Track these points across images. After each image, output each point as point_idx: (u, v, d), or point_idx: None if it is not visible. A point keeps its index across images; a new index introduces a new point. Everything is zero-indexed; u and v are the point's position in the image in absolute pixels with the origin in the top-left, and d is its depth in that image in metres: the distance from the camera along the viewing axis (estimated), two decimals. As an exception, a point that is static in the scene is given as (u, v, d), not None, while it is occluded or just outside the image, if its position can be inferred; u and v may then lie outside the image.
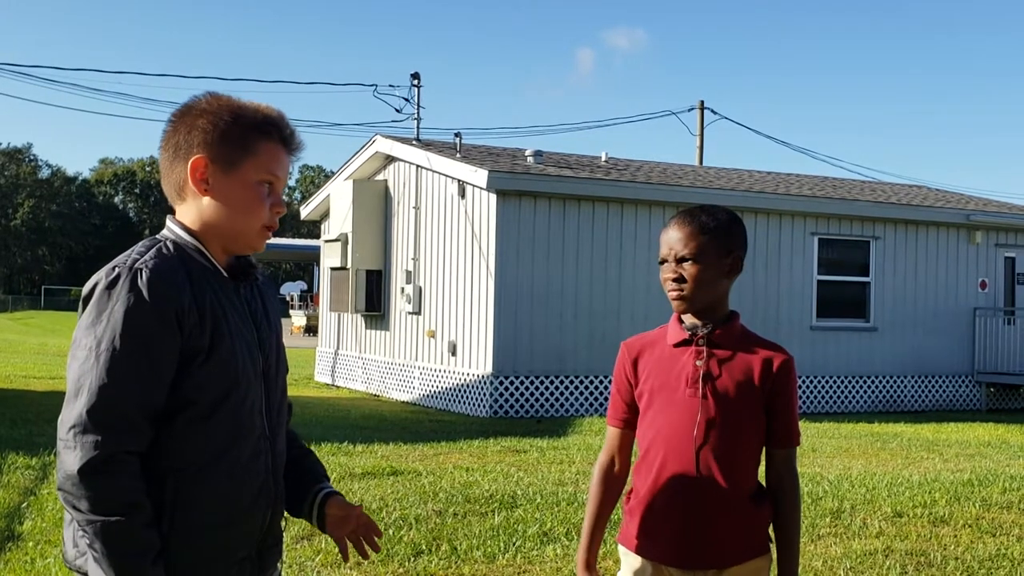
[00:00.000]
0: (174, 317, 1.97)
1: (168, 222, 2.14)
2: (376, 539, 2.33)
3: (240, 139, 2.09)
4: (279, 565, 2.25)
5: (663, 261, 2.57)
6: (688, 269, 2.52)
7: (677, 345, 2.57)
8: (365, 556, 2.34)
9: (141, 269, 1.97)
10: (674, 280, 2.54)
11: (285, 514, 2.26)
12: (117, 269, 1.98)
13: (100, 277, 1.99)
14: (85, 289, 2.01)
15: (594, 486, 2.70)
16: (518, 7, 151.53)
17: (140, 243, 2.09)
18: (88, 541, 1.91)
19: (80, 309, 2.02)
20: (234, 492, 2.06)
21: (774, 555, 2.61)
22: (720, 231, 2.55)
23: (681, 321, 2.59)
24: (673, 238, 2.56)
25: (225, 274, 2.12)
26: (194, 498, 2.01)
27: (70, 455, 1.90)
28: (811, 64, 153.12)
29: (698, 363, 2.53)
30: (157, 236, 2.12)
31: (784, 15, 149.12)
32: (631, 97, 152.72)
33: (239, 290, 2.15)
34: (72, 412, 1.92)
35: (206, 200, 2.09)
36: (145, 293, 1.95)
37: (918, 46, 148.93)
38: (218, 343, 2.03)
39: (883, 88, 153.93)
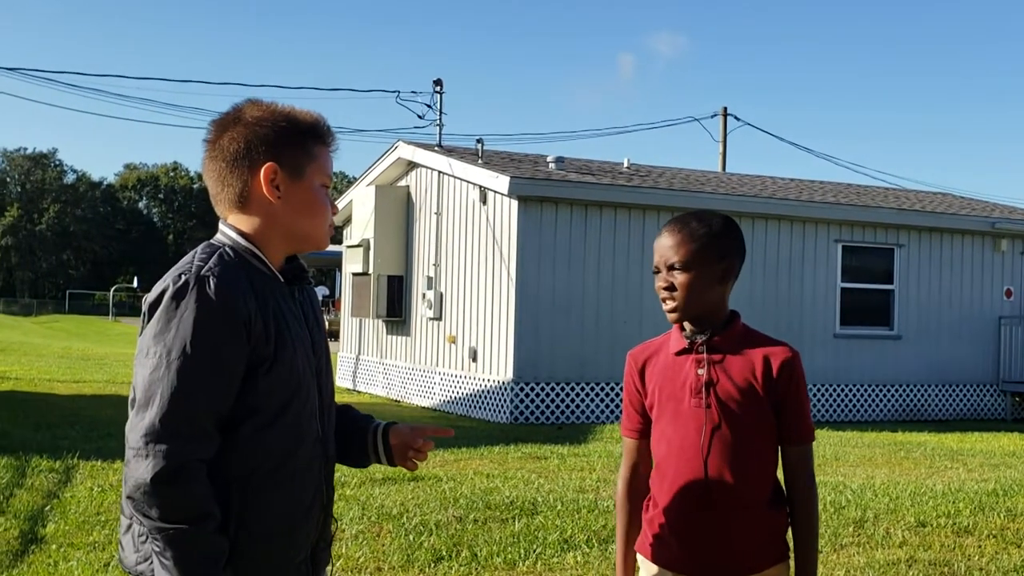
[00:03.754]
0: (242, 325, 1.98)
1: (222, 227, 2.15)
2: (443, 433, 2.40)
3: (302, 145, 2.13)
4: (329, 568, 2.27)
5: (656, 270, 2.55)
6: (678, 278, 2.48)
7: (679, 354, 2.55)
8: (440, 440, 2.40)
9: (208, 277, 1.98)
10: (665, 289, 2.51)
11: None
12: (184, 277, 1.98)
13: (167, 285, 1.99)
14: (151, 296, 2.02)
15: (620, 499, 2.67)
16: (542, 14, 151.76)
17: (199, 249, 2.09)
18: (158, 548, 1.92)
19: (145, 316, 2.02)
20: (295, 496, 2.08)
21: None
22: (711, 237, 2.51)
23: (682, 328, 2.56)
24: (664, 246, 2.52)
25: (281, 279, 2.14)
26: (259, 504, 2.02)
27: (142, 464, 1.90)
28: (835, 70, 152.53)
29: (700, 372, 2.50)
30: (213, 242, 2.13)
31: (808, 21, 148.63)
32: (657, 104, 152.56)
33: (294, 294, 2.17)
34: (144, 420, 1.92)
35: (278, 206, 2.11)
36: (215, 301, 1.96)
37: (943, 52, 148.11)
38: (281, 350, 2.04)
39: (907, 95, 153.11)
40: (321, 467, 2.16)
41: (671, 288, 2.49)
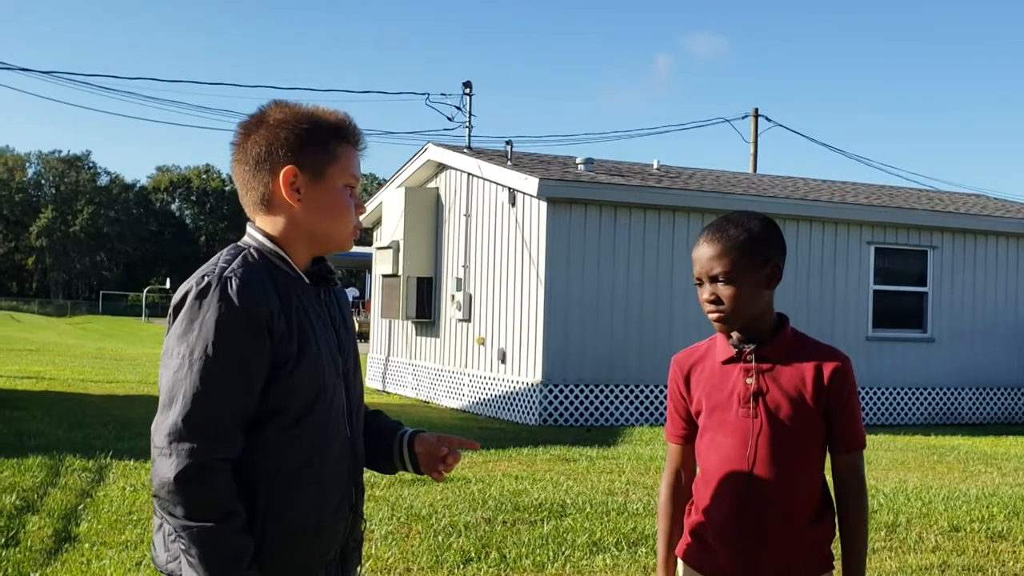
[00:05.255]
0: (264, 325, 2.00)
1: (249, 229, 2.17)
2: (470, 447, 2.38)
3: (323, 146, 2.12)
4: (359, 569, 2.29)
5: (699, 282, 2.47)
6: (723, 290, 2.41)
7: (726, 362, 2.48)
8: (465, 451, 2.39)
9: (231, 278, 2.00)
10: (711, 302, 2.43)
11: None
12: (207, 278, 2.00)
13: (190, 286, 2.01)
14: (176, 298, 2.04)
15: (662, 503, 2.64)
16: (578, 16, 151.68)
17: (224, 251, 2.11)
18: (184, 547, 1.94)
19: (170, 318, 2.05)
20: (321, 496, 2.09)
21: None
22: (752, 243, 2.43)
23: (728, 335, 2.50)
24: (704, 256, 2.45)
25: (307, 280, 2.15)
26: (286, 504, 2.04)
27: (166, 463, 1.93)
28: (868, 71, 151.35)
29: (748, 381, 2.44)
30: (239, 244, 2.14)
31: (840, 21, 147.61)
32: (690, 106, 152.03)
33: (319, 295, 2.18)
34: (167, 420, 1.95)
35: (298, 208, 2.12)
36: (236, 302, 1.97)
37: (977, 53, 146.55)
38: (305, 349, 2.05)
39: (941, 95, 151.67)
40: (349, 467, 2.17)
41: (718, 301, 2.42)
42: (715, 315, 2.44)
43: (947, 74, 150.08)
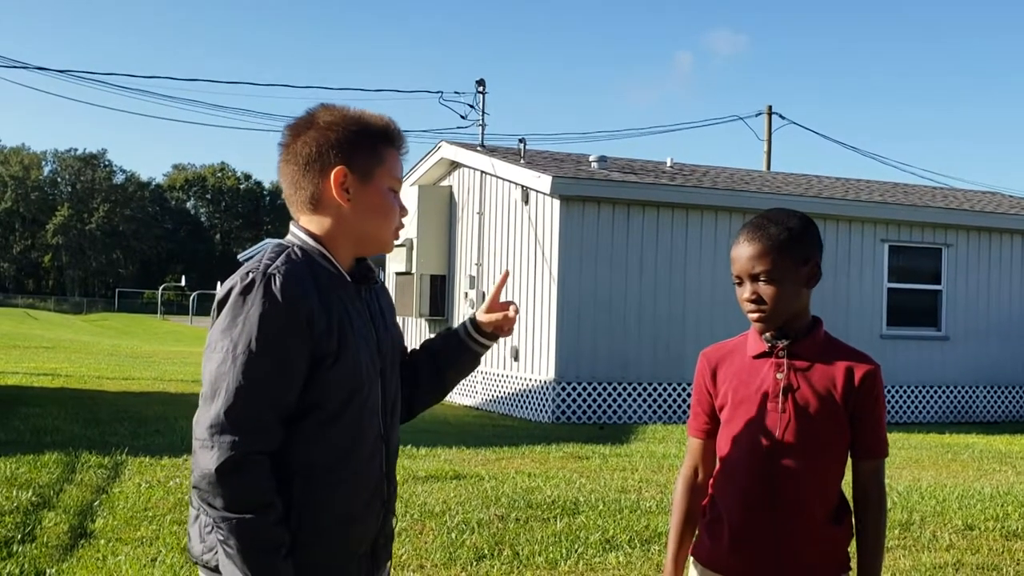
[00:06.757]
0: (305, 321, 2.04)
1: (293, 228, 2.22)
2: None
3: (372, 149, 2.18)
4: (388, 563, 2.32)
5: (739, 280, 2.46)
6: (764, 289, 2.40)
7: (757, 357, 2.47)
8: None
9: (274, 275, 2.04)
10: (752, 301, 2.42)
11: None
12: (251, 274, 2.05)
13: (235, 282, 2.06)
14: (220, 293, 2.08)
15: (677, 497, 2.63)
16: (586, 14, 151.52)
17: (269, 249, 2.16)
18: (222, 537, 1.98)
19: (214, 313, 2.09)
20: (354, 491, 2.13)
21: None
22: (793, 241, 2.42)
23: (761, 331, 2.49)
24: (744, 255, 2.42)
25: (349, 278, 2.19)
26: (320, 498, 2.08)
27: (207, 454, 1.96)
28: (882, 69, 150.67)
29: (778, 376, 2.43)
30: (283, 242, 2.19)
31: (856, 19, 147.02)
32: (707, 103, 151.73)
33: (361, 293, 2.23)
34: (209, 413, 1.99)
35: (347, 208, 2.17)
36: (279, 297, 2.02)
37: (991, 50, 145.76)
38: (344, 346, 2.10)
39: (956, 93, 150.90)
40: (382, 463, 2.21)
41: (759, 301, 2.41)
42: (756, 315, 2.43)
43: (962, 71, 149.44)
